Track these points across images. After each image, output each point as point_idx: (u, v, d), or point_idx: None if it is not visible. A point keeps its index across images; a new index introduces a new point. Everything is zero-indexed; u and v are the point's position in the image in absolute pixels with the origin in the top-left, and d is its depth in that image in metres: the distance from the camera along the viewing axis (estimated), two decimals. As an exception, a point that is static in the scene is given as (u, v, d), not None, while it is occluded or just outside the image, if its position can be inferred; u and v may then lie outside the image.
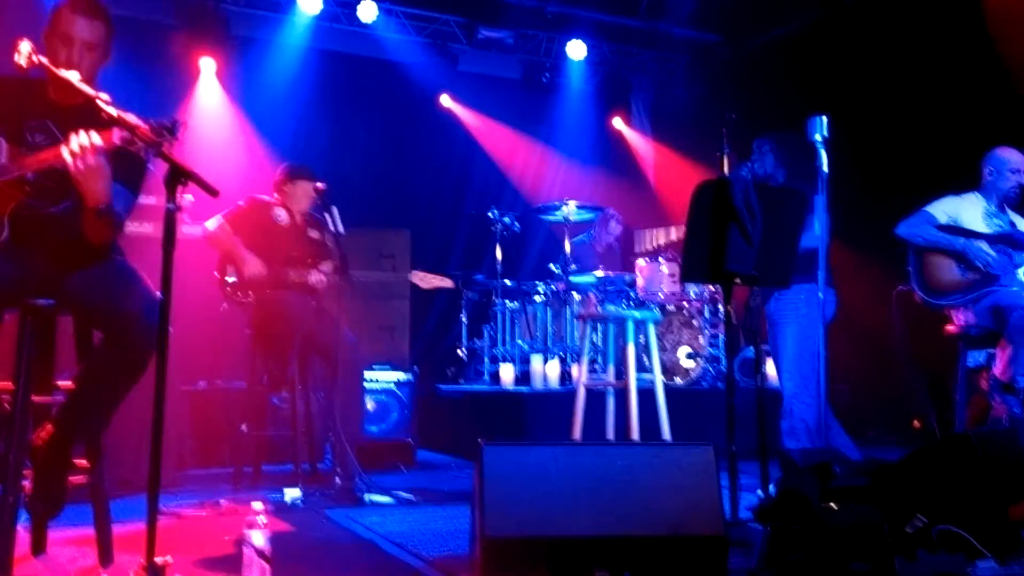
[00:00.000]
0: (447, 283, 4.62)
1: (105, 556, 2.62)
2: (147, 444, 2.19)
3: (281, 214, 4.49)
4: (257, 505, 2.49)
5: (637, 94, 8.50)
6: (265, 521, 2.44)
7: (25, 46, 2.45)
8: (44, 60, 2.46)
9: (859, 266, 5.44)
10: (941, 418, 4.81)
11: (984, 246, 4.15)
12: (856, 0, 6.21)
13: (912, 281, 4.34)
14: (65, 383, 2.62)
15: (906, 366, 5.16)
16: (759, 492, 3.81)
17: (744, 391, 4.59)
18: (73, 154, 2.33)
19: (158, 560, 2.11)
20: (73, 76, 2.43)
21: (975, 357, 4.34)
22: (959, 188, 4.38)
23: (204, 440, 5.06)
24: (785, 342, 3.99)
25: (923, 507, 2.72)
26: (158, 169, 2.34)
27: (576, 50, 7.60)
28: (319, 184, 4.37)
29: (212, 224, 4.42)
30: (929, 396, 5.10)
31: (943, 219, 4.24)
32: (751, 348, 4.78)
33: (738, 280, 3.19)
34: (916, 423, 5.78)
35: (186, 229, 5.17)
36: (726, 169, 3.36)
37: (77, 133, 2.33)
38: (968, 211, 4.27)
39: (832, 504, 2.71)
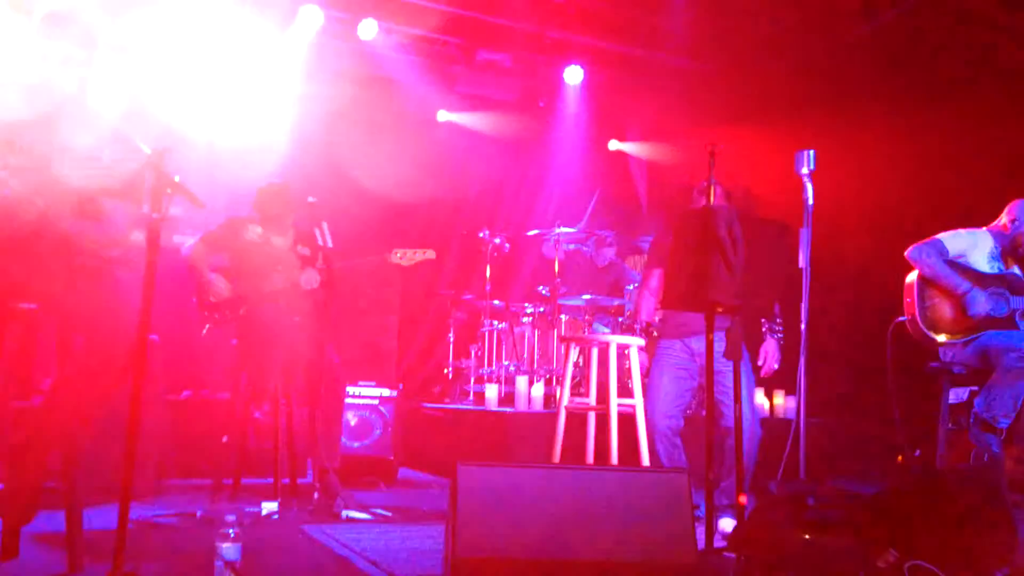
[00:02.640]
0: (430, 254, 4.64)
1: (74, 562, 2.61)
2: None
3: (255, 230, 4.51)
4: (231, 517, 2.49)
5: (633, 121, 8.57)
6: (237, 533, 2.44)
7: None
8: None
9: (843, 297, 5.48)
10: (923, 453, 4.82)
11: (982, 298, 4.17)
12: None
13: (912, 312, 4.36)
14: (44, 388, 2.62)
15: (892, 399, 5.18)
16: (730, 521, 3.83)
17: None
18: None
19: (127, 569, 2.11)
20: None
21: (958, 394, 4.36)
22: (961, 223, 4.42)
23: (186, 451, 5.04)
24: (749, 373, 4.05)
25: (897, 541, 2.72)
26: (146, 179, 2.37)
27: (573, 75, 7.67)
28: (310, 199, 4.40)
29: (187, 246, 4.47)
30: (911, 431, 5.11)
31: (952, 252, 4.28)
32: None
33: (720, 309, 3.21)
34: (899, 458, 5.79)
35: (177, 239, 5.19)
36: (712, 198, 3.39)
37: None
38: (977, 249, 4.31)
39: (805, 535, 2.72)
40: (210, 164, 6.49)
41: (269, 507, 3.85)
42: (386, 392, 5.60)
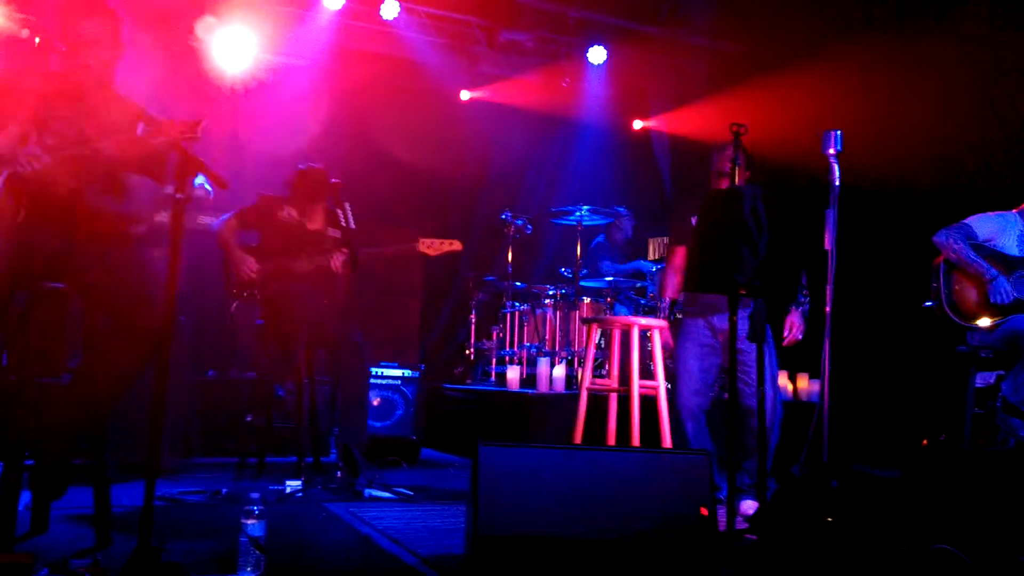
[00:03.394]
0: (456, 246, 4.68)
1: (102, 537, 2.65)
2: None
3: (289, 211, 4.56)
4: (255, 495, 2.52)
5: (656, 100, 8.49)
6: (262, 511, 2.47)
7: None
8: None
9: (872, 281, 5.42)
10: (948, 438, 4.78)
11: (1006, 287, 4.10)
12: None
13: (938, 296, 4.31)
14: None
15: (918, 383, 5.13)
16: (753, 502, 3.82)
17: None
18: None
19: (153, 544, 2.14)
20: None
21: (985, 378, 4.31)
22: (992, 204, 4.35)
23: (212, 429, 5.11)
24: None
25: (921, 526, 2.71)
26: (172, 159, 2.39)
27: (596, 55, 7.61)
28: (333, 181, 4.41)
29: (218, 222, 4.51)
30: (937, 415, 5.07)
31: (981, 236, 4.22)
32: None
33: (743, 291, 3.18)
34: (924, 442, 5.74)
35: (203, 219, 5.23)
36: (737, 179, 3.35)
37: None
38: (1007, 233, 4.24)
39: (828, 518, 2.71)
40: (233, 144, 6.54)
41: (293, 485, 3.89)
42: (408, 373, 5.63)
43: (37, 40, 2.56)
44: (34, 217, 2.55)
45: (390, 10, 6.85)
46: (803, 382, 5.87)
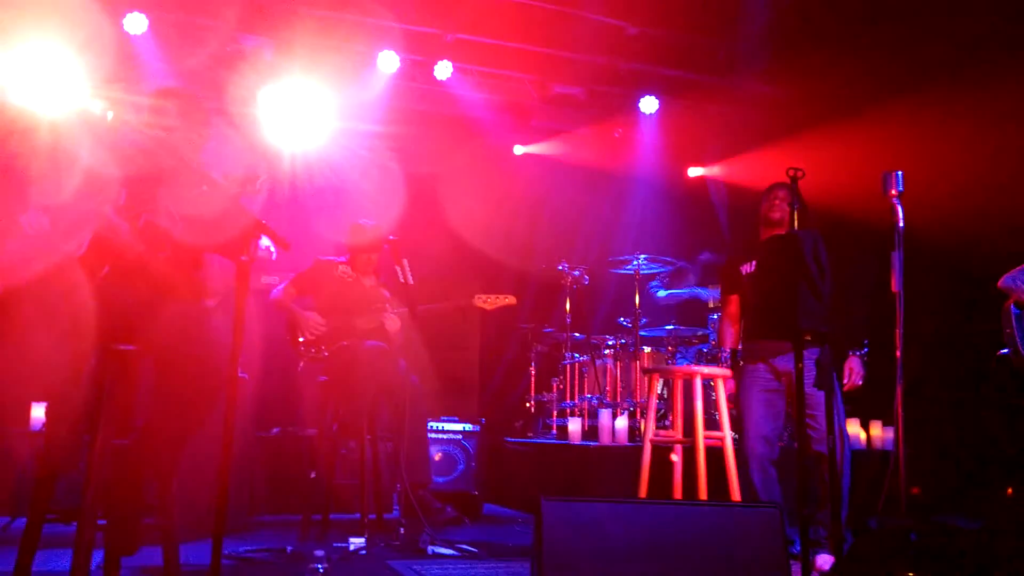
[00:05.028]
0: (511, 300, 4.70)
1: (172, 597, 2.68)
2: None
3: (344, 270, 4.67)
4: (319, 553, 2.53)
5: (711, 148, 8.47)
6: (326, 568, 2.46)
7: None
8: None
9: (946, 328, 5.25)
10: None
11: None
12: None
13: (1012, 342, 4.15)
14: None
15: (998, 431, 4.92)
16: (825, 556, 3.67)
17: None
18: None
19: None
20: None
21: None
22: None
23: (276, 487, 5.15)
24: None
25: (1009, 580, 2.57)
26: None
27: (648, 105, 7.65)
28: (391, 238, 4.49)
29: (277, 290, 4.64)
30: (1019, 463, 4.84)
31: None
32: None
33: (809, 338, 3.11)
34: (1009, 491, 5.49)
35: (265, 279, 5.37)
36: (795, 224, 3.30)
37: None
38: None
39: (909, 573, 2.59)
40: (294, 206, 6.72)
41: (356, 542, 3.88)
42: (468, 427, 5.62)
43: (110, 115, 2.68)
44: (114, 275, 2.65)
45: (443, 71, 7.02)
46: (876, 429, 5.68)
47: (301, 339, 4.59)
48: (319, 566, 2.49)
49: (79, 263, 2.60)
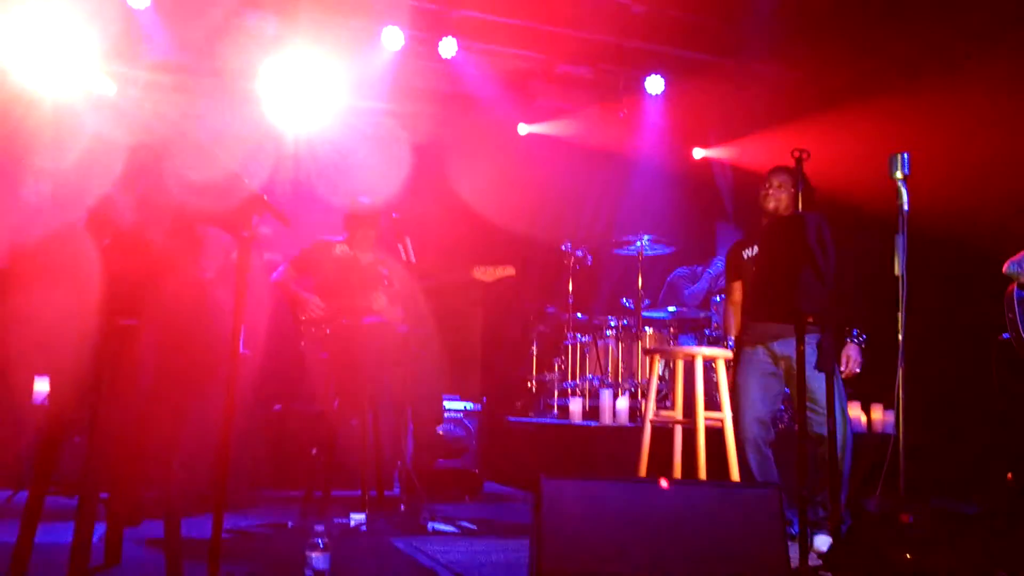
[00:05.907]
0: (510, 271, 4.67)
1: (173, 568, 2.70)
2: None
3: (342, 248, 4.66)
4: (320, 528, 2.54)
5: (716, 129, 8.43)
6: (326, 544, 2.48)
7: None
8: None
9: (947, 312, 5.24)
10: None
11: None
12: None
13: (1015, 327, 4.13)
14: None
15: (1002, 419, 4.92)
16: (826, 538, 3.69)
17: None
18: None
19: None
20: None
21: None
22: None
23: (279, 463, 5.17)
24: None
25: (1004, 562, 2.58)
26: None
27: (654, 85, 7.60)
28: (393, 216, 4.49)
29: (277, 273, 4.65)
30: (1019, 448, 4.84)
31: None
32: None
33: (811, 320, 3.11)
34: (1009, 476, 5.50)
35: (267, 256, 5.37)
36: (800, 205, 3.29)
37: None
38: None
39: (906, 555, 2.60)
40: (296, 182, 6.71)
41: (357, 519, 3.91)
42: (470, 406, 5.63)
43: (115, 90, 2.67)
44: (114, 247, 2.65)
45: (448, 48, 6.97)
46: (877, 413, 5.69)
47: (303, 318, 4.61)
48: (319, 541, 2.50)
49: (87, 231, 2.60)
